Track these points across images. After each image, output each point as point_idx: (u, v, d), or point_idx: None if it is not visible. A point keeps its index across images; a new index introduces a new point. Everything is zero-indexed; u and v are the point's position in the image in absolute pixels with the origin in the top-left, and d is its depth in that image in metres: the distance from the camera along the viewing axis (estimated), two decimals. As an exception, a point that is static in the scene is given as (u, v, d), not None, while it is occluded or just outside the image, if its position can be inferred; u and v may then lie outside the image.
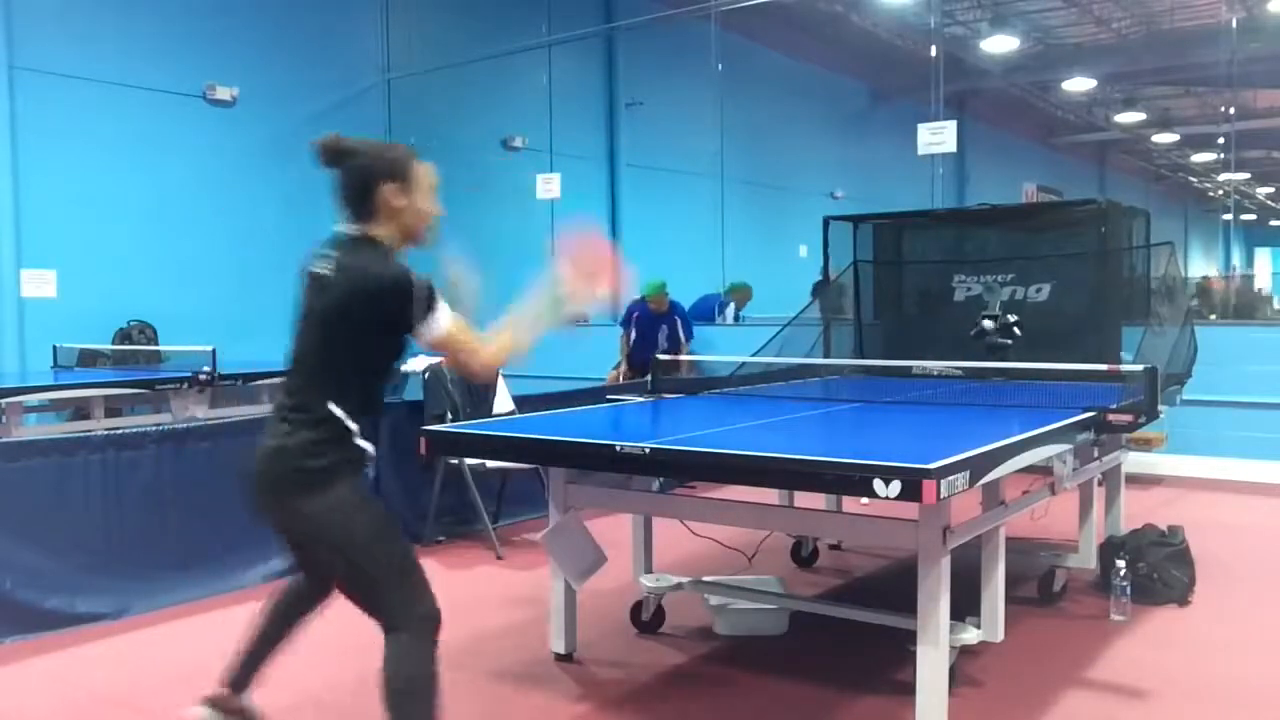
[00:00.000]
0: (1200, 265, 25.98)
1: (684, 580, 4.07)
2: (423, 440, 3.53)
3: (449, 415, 5.46)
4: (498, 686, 3.58)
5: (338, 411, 2.49)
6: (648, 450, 2.97)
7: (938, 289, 6.08)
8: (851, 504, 3.89)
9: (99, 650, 3.97)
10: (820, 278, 7.45)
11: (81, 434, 4.68)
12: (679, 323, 8.68)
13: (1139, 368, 3.77)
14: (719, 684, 3.61)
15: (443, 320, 2.47)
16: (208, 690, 2.91)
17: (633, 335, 8.86)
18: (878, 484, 2.50)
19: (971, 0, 15.21)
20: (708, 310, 10.06)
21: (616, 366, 9.03)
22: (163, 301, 8.96)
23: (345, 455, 2.52)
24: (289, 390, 2.58)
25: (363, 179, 2.54)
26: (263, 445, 2.55)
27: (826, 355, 5.91)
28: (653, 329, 8.67)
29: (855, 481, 2.57)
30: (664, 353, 8.45)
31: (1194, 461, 7.19)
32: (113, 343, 8.54)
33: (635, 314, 8.86)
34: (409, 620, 2.49)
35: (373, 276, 2.46)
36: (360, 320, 2.47)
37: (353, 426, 2.51)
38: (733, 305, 10.25)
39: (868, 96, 17.81)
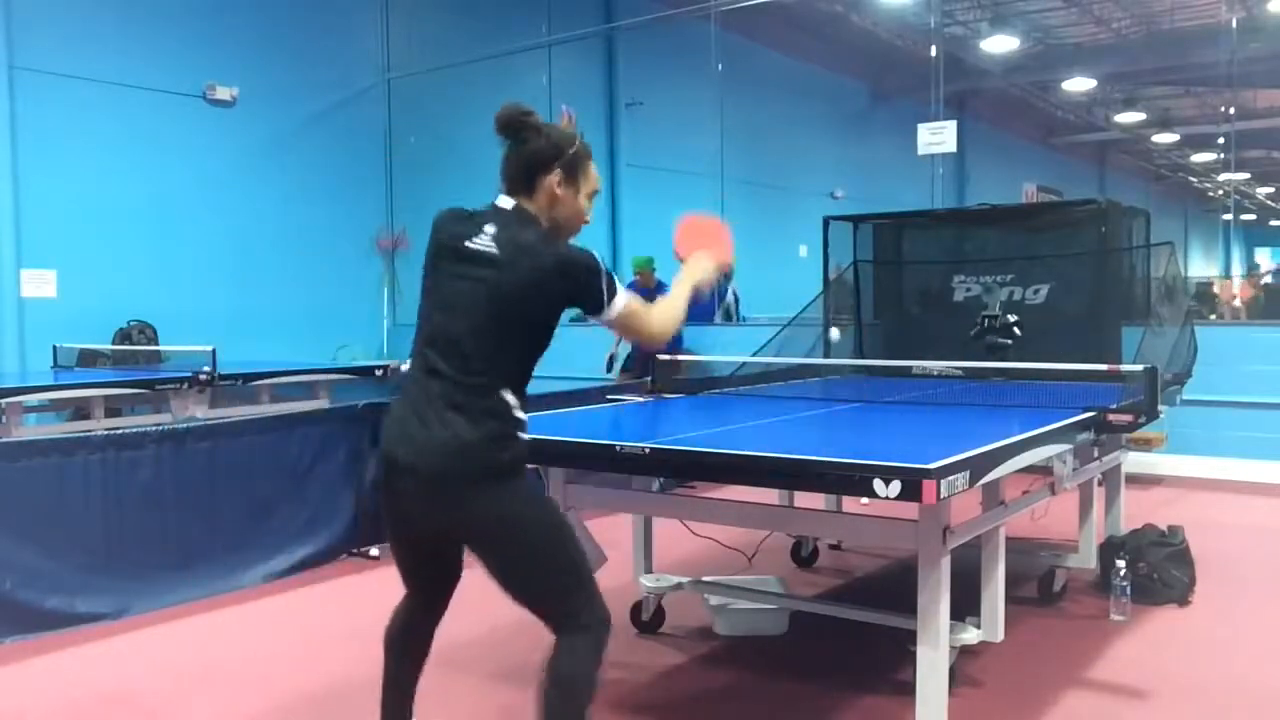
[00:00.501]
0: (1200, 265, 25.98)
1: (684, 580, 4.07)
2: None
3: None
4: (498, 686, 3.58)
5: (511, 399, 2.37)
6: (648, 450, 2.97)
7: (938, 289, 6.09)
8: (851, 504, 3.89)
9: (99, 650, 3.97)
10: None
11: (81, 434, 4.68)
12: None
13: (1139, 368, 3.77)
14: (719, 684, 3.61)
15: (623, 298, 2.44)
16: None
17: None
18: (878, 484, 2.50)
19: (971, 0, 15.21)
20: (706, 308, 9.99)
21: (617, 343, 9.05)
22: (163, 301, 8.97)
23: (520, 446, 2.39)
24: (451, 375, 2.37)
25: (537, 159, 2.46)
26: (422, 439, 2.35)
27: (826, 355, 5.92)
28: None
29: (855, 481, 2.56)
30: None
31: (1194, 461, 7.19)
32: (113, 343, 8.54)
33: None
34: (590, 620, 2.38)
35: (562, 255, 2.39)
36: (548, 299, 2.39)
37: (523, 417, 2.40)
38: (732, 294, 10.18)
39: (868, 96, 17.81)
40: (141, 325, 8.78)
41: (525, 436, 2.41)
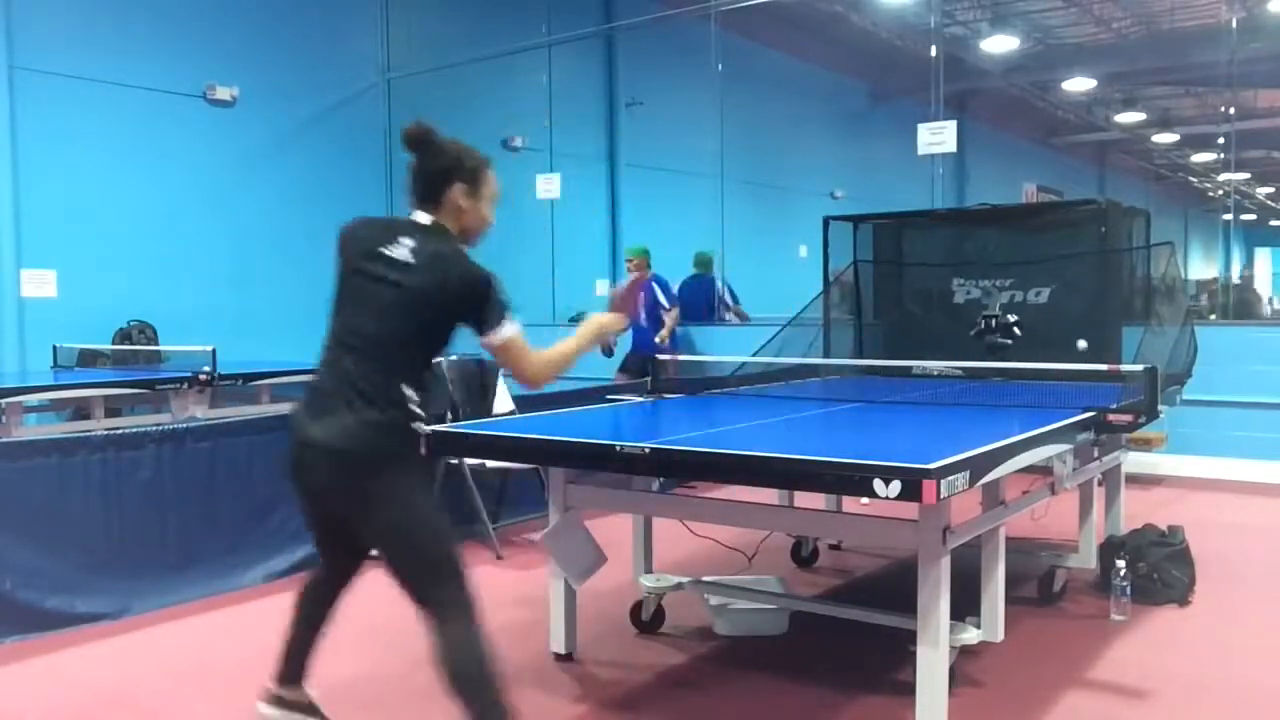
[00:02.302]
0: (1200, 265, 25.97)
1: (684, 580, 4.07)
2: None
3: (449, 415, 5.46)
4: (498, 686, 3.57)
5: (409, 392, 2.59)
6: (648, 450, 2.97)
7: (938, 289, 6.08)
8: (851, 504, 3.89)
9: (99, 650, 3.97)
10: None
11: (81, 434, 4.68)
12: (657, 289, 8.71)
13: (1139, 368, 3.77)
14: (719, 684, 3.61)
15: (512, 328, 2.64)
16: (263, 685, 2.95)
17: None
18: (878, 484, 2.50)
19: (971, 0, 15.21)
20: (701, 296, 9.98)
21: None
22: (163, 301, 8.96)
23: (414, 437, 2.62)
24: (356, 369, 2.59)
25: (439, 173, 2.71)
26: (327, 423, 2.57)
27: (826, 355, 5.91)
28: None
29: (855, 481, 2.56)
30: (648, 320, 8.57)
31: (1194, 461, 7.19)
32: (113, 343, 8.54)
33: None
34: (457, 606, 2.57)
35: (468, 270, 2.60)
36: (446, 308, 2.60)
37: (419, 410, 2.61)
38: (728, 292, 10.17)
39: (868, 96, 17.81)
40: (141, 325, 8.78)
41: (422, 428, 2.63)
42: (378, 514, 2.59)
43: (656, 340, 8.53)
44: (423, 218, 2.71)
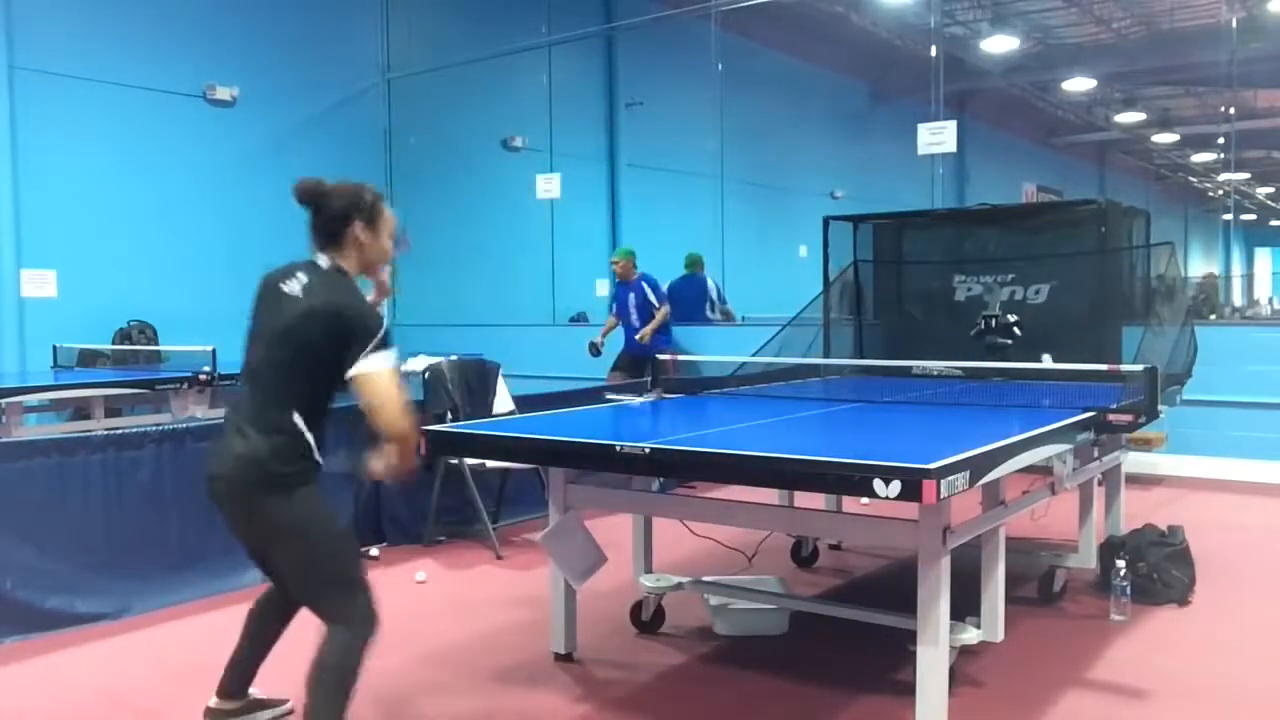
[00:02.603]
0: (1200, 265, 25.98)
1: (684, 580, 4.07)
2: (423, 440, 3.52)
3: (449, 415, 5.46)
4: (498, 686, 3.58)
5: (299, 423, 2.68)
6: (648, 450, 2.97)
7: (938, 289, 6.08)
8: (851, 504, 3.89)
9: (99, 650, 3.97)
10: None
11: (81, 434, 4.68)
12: (647, 288, 8.75)
13: (1139, 368, 3.77)
14: (719, 684, 3.61)
15: (374, 362, 2.61)
16: (207, 701, 3.00)
17: (613, 308, 9.07)
18: (878, 484, 2.50)
19: (971, 0, 15.21)
20: (693, 295, 9.99)
21: (604, 332, 9.11)
22: (163, 301, 8.97)
23: (306, 464, 2.71)
24: (250, 400, 2.73)
25: (339, 215, 2.78)
26: (224, 451, 2.71)
27: (826, 355, 5.91)
28: (624, 298, 8.84)
29: (855, 481, 2.57)
30: (639, 319, 8.61)
31: (1194, 461, 7.19)
32: (113, 343, 8.55)
33: (614, 293, 9.16)
34: (354, 617, 2.69)
35: (344, 304, 2.67)
36: (313, 336, 2.65)
37: (310, 438, 2.70)
38: (714, 288, 10.15)
39: (868, 96, 17.81)
40: (141, 325, 8.78)
41: (316, 456, 2.73)
42: (275, 540, 2.72)
43: (637, 338, 8.59)
44: (322, 260, 2.80)
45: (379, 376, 2.61)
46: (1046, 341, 5.02)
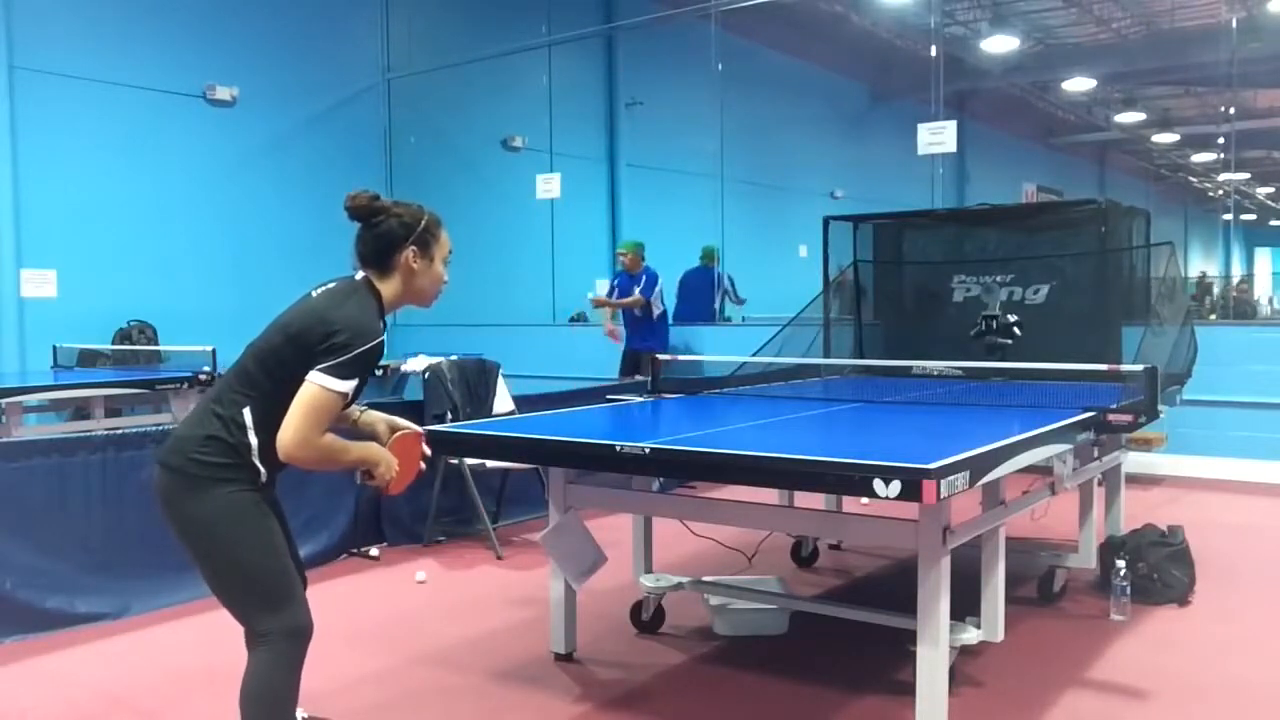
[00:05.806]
0: (1200, 265, 25.99)
1: (684, 580, 4.07)
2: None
3: (449, 415, 5.46)
4: (498, 686, 3.58)
5: (248, 419, 2.45)
6: (648, 450, 2.97)
7: (938, 289, 6.08)
8: (851, 504, 3.89)
9: (99, 650, 3.97)
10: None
11: (81, 434, 4.68)
12: (645, 281, 8.78)
13: (1139, 368, 3.77)
14: (719, 684, 3.61)
15: (318, 382, 2.36)
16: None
17: (613, 296, 9.06)
18: (878, 484, 2.50)
19: (971, 0, 15.21)
20: (702, 284, 9.99)
21: (611, 320, 9.15)
22: (163, 301, 8.97)
23: (237, 465, 2.45)
24: (218, 385, 2.58)
25: (390, 239, 2.58)
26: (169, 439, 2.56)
27: (826, 355, 5.91)
28: (626, 290, 8.84)
29: (855, 481, 2.57)
30: (640, 312, 8.63)
31: (1194, 461, 7.19)
32: (113, 343, 8.55)
33: (616, 281, 9.11)
34: (269, 631, 2.47)
35: (331, 311, 2.45)
36: (286, 333, 2.47)
37: (253, 441, 2.44)
38: (728, 280, 10.20)
39: (868, 96, 17.81)
40: (141, 325, 8.78)
41: (255, 462, 2.45)
42: (181, 536, 2.50)
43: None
44: (359, 274, 2.62)
45: (310, 393, 2.36)
46: (1046, 341, 5.02)
